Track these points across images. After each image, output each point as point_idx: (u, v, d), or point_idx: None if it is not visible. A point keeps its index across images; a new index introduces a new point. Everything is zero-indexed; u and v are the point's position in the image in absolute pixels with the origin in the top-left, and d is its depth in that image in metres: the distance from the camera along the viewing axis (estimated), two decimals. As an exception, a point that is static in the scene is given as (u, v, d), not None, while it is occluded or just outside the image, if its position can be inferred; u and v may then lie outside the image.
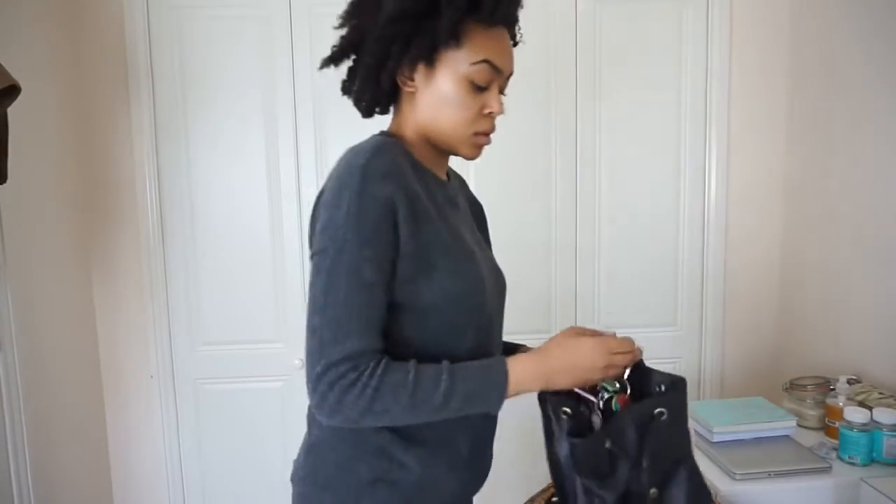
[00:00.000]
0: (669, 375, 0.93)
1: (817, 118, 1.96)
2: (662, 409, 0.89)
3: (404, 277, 0.86)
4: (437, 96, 0.91)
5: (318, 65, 0.97)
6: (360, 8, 0.93)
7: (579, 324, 2.16)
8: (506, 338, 1.12)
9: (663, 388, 0.92)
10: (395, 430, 0.91)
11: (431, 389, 0.84)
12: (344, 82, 0.99)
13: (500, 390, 0.87)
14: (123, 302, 2.09)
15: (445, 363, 0.87)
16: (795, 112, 2.08)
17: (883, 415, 1.41)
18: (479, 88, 0.91)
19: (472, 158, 0.97)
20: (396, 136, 0.96)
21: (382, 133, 0.97)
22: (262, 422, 2.16)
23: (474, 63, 0.89)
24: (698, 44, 2.11)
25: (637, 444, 0.88)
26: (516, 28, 0.97)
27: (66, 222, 1.94)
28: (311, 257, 0.87)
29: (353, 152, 0.87)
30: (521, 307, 2.13)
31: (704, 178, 2.16)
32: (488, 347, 0.98)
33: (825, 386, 1.64)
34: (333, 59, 0.96)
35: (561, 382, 0.90)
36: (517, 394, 0.89)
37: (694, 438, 1.29)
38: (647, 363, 1.01)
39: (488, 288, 0.95)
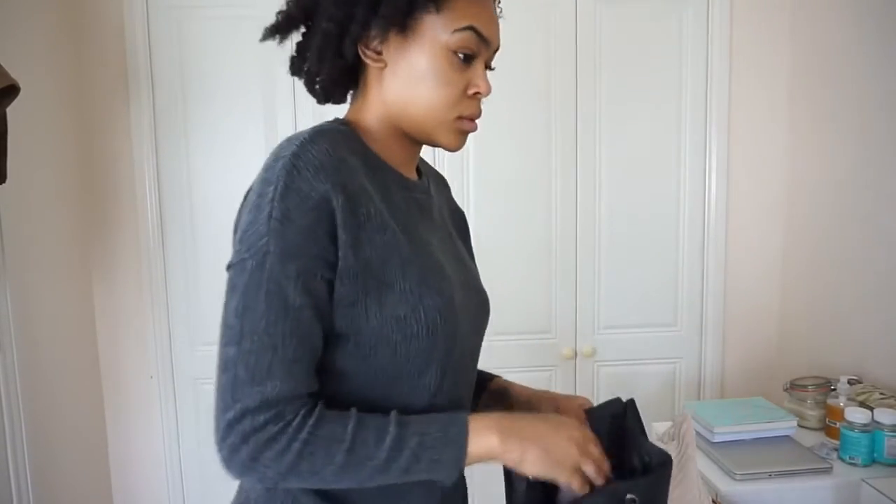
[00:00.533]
0: (660, 451, 0.76)
1: (818, 118, 1.96)
2: (634, 497, 0.70)
3: (345, 300, 0.69)
4: (411, 71, 0.74)
5: (260, 36, 0.80)
6: None
7: (579, 322, 2.17)
8: (506, 338, 1.08)
9: (648, 459, 0.75)
10: (326, 493, 0.73)
11: (373, 444, 0.67)
12: (293, 59, 0.81)
13: (457, 449, 0.69)
14: (123, 302, 2.09)
15: (394, 413, 0.69)
16: (796, 112, 2.08)
17: (884, 415, 1.41)
18: (463, 62, 0.75)
19: (454, 148, 0.79)
20: (352, 123, 0.80)
21: (336, 120, 0.80)
22: (262, 422, 2.15)
23: (458, 30, 0.73)
24: (698, 44, 2.11)
25: None
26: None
27: (66, 222, 1.94)
28: (227, 269, 0.69)
29: (287, 139, 0.71)
30: (522, 308, 2.12)
31: (705, 178, 2.15)
32: (457, 389, 0.80)
33: (826, 386, 1.64)
34: (279, 29, 0.78)
35: (530, 459, 0.70)
36: (479, 459, 0.71)
37: (695, 439, 1.28)
38: (647, 363, 0.94)
39: (461, 314, 0.78)
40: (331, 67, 0.77)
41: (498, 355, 1.04)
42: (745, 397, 1.86)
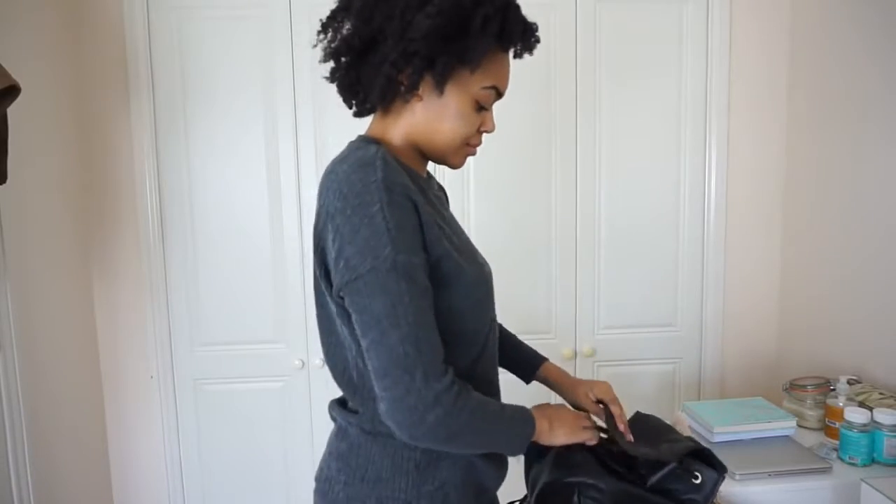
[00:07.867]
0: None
1: (818, 118, 1.96)
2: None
3: (438, 280, 0.87)
4: (441, 110, 0.93)
5: (320, 58, 0.96)
6: (381, 13, 0.89)
7: (579, 322, 2.17)
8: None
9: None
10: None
11: (498, 410, 0.90)
12: (345, 83, 0.96)
13: (530, 427, 0.94)
14: (123, 302, 2.09)
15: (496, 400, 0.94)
16: (796, 112, 2.08)
17: (883, 415, 1.41)
18: (481, 108, 0.95)
19: (458, 167, 1.01)
20: (381, 141, 0.94)
21: (363, 139, 0.95)
22: (262, 423, 2.16)
23: (485, 87, 0.93)
24: (698, 44, 2.11)
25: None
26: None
27: (66, 222, 1.94)
28: (348, 284, 0.82)
29: (358, 166, 0.84)
30: (522, 308, 2.13)
31: (704, 178, 2.16)
32: (492, 336, 1.02)
33: (825, 386, 1.64)
34: (339, 53, 0.94)
35: (560, 434, 0.98)
36: (533, 437, 0.96)
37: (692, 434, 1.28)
38: (646, 363, 1.07)
39: (489, 275, 1.01)
40: (381, 96, 0.92)
41: (498, 355, 1.09)
42: (745, 397, 1.86)
